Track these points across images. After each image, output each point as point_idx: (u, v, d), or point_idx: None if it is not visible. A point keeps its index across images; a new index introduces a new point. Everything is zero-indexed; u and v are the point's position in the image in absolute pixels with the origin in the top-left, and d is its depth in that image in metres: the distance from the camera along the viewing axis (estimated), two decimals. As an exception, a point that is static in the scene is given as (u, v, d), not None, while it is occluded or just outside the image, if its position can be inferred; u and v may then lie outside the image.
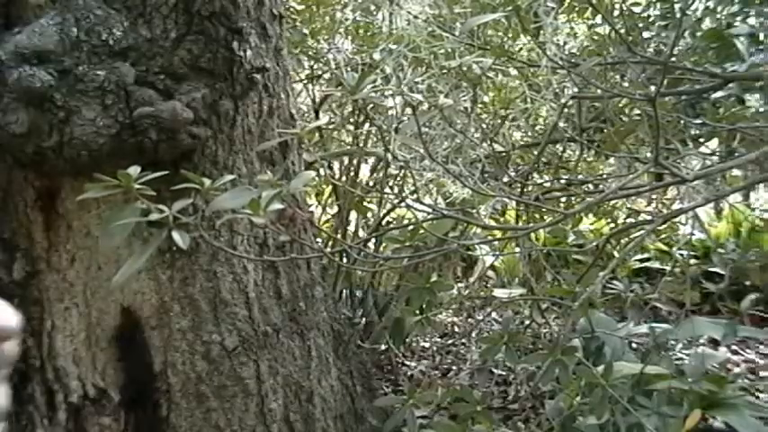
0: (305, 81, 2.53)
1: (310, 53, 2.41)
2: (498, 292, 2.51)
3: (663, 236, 3.22)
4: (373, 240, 2.39)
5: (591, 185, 1.84)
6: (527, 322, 1.72)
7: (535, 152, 1.97)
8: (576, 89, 1.34)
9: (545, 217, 2.14)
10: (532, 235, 2.70)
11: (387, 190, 2.45)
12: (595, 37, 1.68)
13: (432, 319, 2.17)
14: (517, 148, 2.09)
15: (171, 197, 0.82)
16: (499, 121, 2.10)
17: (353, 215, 2.56)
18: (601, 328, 1.75)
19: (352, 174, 2.52)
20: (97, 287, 1.23)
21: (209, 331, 1.27)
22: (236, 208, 0.56)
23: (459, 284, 2.96)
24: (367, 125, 2.42)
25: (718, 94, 1.26)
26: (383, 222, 2.39)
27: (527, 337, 1.75)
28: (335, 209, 2.59)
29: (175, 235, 0.51)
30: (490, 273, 2.97)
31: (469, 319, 3.04)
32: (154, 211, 0.52)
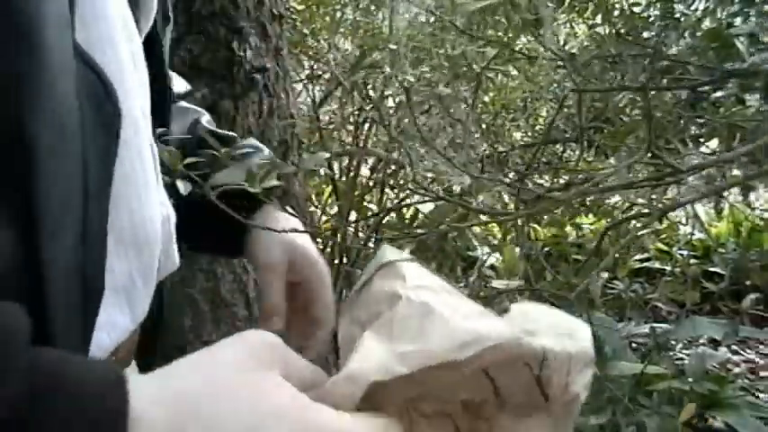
0: (305, 81, 2.53)
1: (310, 53, 2.42)
2: (496, 283, 2.51)
3: (663, 236, 3.22)
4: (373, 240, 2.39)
5: (590, 184, 1.83)
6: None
7: (534, 152, 1.97)
8: (573, 92, 1.34)
9: (545, 216, 2.14)
10: (532, 234, 2.70)
11: (386, 189, 2.45)
12: (595, 37, 1.68)
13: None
14: (517, 148, 2.09)
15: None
16: (499, 121, 2.10)
17: (353, 215, 2.56)
18: (601, 328, 1.75)
19: (352, 174, 2.52)
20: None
21: (209, 331, 1.27)
22: (234, 181, 0.56)
23: (460, 285, 2.96)
24: (367, 125, 2.43)
25: (718, 93, 1.26)
26: (383, 222, 2.40)
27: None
28: (335, 209, 2.60)
29: (179, 183, 0.50)
30: (490, 272, 2.97)
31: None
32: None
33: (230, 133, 0.70)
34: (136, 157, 0.43)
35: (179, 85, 0.73)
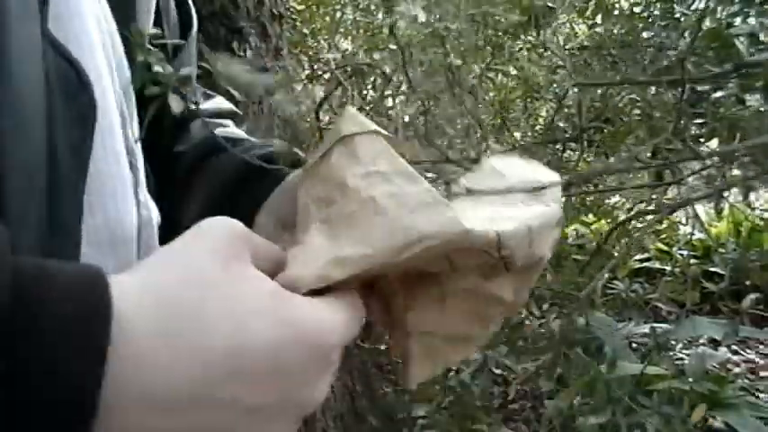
0: (305, 81, 2.53)
1: (310, 53, 2.42)
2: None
3: (663, 236, 3.22)
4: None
5: (591, 185, 1.84)
6: (525, 313, 1.72)
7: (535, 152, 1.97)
8: (575, 90, 1.34)
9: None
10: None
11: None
12: (595, 37, 1.68)
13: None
14: (517, 148, 2.09)
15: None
16: (499, 121, 2.10)
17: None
18: (601, 328, 1.75)
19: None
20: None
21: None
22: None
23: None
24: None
25: (718, 94, 1.26)
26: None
27: (526, 331, 1.75)
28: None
29: (172, 99, 0.47)
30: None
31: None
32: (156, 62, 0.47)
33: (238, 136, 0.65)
34: (111, 155, 0.42)
35: (218, 102, 0.69)
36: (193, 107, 0.48)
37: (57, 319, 0.26)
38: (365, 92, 2.42)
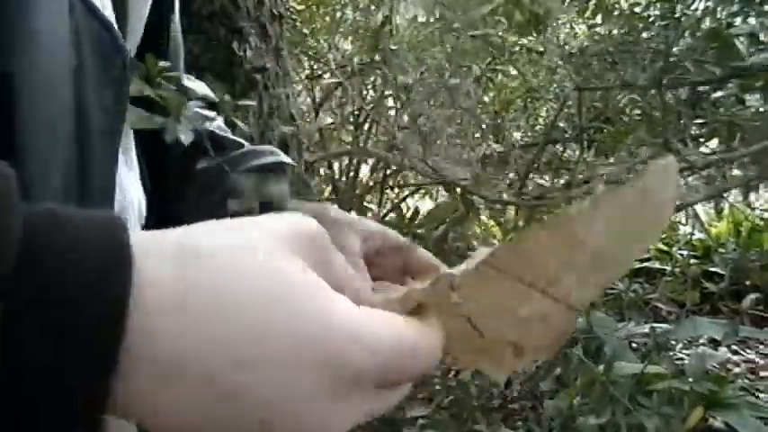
0: (305, 81, 2.53)
1: (310, 53, 2.42)
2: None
3: (663, 236, 3.22)
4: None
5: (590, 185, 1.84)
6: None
7: (535, 152, 1.97)
8: (574, 90, 1.34)
9: (545, 216, 2.14)
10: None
11: (386, 189, 2.45)
12: (596, 37, 1.68)
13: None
14: (518, 148, 2.09)
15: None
16: (499, 121, 2.10)
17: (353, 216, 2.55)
18: (601, 328, 1.75)
19: (351, 174, 2.52)
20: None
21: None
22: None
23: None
24: (367, 125, 2.43)
25: (718, 93, 1.26)
26: (383, 220, 2.40)
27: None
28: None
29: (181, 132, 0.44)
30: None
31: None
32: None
33: (233, 138, 0.65)
34: None
35: (198, 88, 0.68)
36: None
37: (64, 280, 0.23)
38: (365, 92, 2.42)
